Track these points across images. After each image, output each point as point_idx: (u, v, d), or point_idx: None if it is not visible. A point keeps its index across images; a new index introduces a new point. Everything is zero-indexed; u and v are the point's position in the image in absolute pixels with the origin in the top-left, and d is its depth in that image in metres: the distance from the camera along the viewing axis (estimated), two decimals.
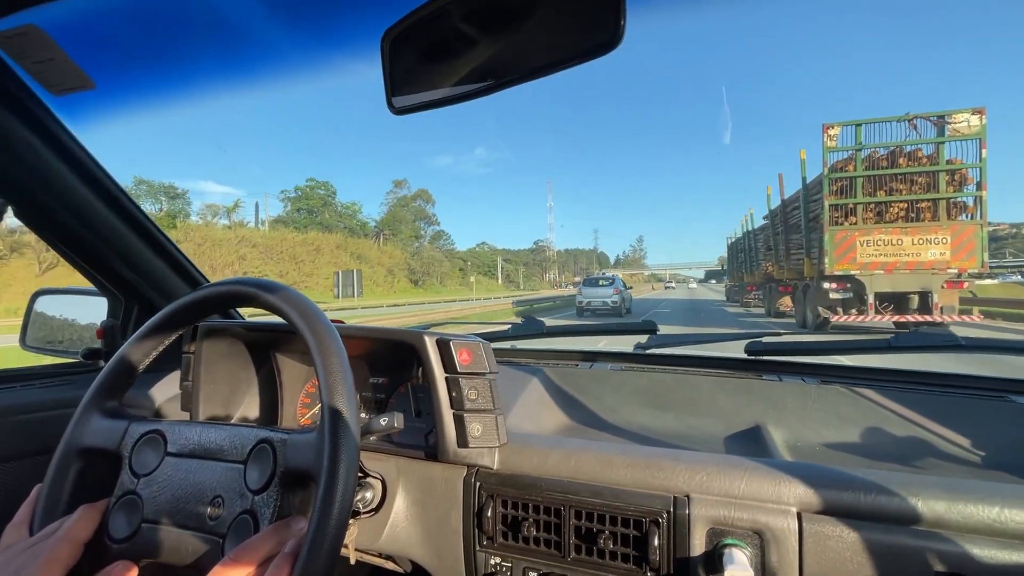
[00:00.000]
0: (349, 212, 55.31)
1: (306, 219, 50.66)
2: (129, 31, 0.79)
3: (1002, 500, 0.58)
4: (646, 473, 0.72)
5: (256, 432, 0.61)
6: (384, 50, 0.54)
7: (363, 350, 0.95)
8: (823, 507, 0.64)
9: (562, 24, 0.46)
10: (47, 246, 1.06)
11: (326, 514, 0.50)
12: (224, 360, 0.93)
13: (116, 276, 1.14)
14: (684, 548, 0.67)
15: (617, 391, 1.14)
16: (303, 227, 47.66)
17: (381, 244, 54.08)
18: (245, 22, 0.73)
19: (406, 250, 53.73)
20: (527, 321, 1.41)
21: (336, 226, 50.83)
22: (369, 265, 44.17)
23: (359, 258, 44.38)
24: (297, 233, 43.94)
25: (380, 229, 57.59)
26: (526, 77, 0.48)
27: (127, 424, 0.65)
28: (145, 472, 0.62)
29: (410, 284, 48.76)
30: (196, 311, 0.71)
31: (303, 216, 50.99)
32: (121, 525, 0.59)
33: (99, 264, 1.12)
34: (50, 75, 0.81)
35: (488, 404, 0.80)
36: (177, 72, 0.86)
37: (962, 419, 0.91)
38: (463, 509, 0.79)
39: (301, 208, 51.67)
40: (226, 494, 0.58)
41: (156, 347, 0.71)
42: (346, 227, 52.13)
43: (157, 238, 1.11)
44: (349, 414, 0.55)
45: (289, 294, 0.64)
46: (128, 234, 1.06)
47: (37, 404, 1.07)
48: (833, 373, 1.10)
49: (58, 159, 0.90)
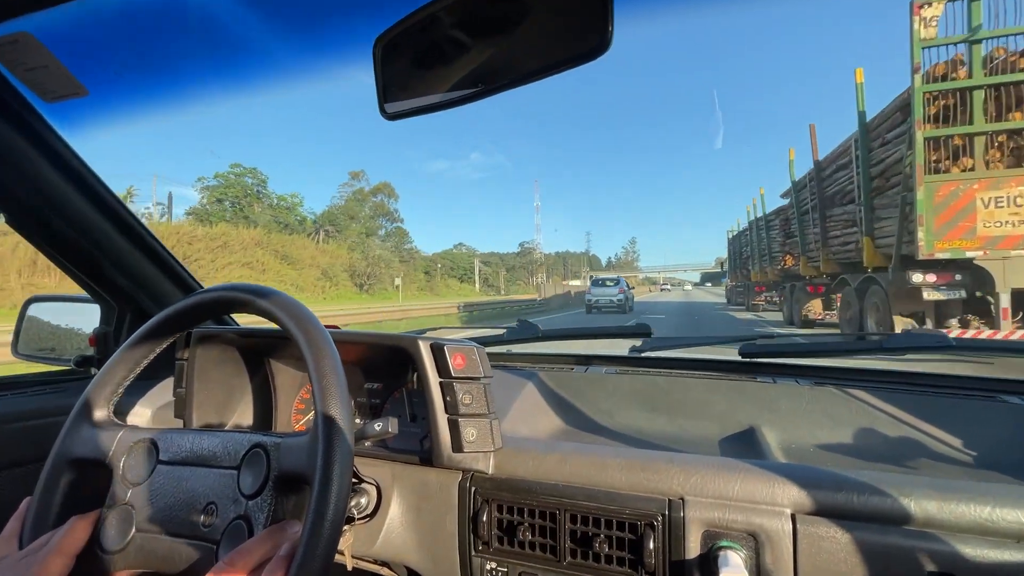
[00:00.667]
0: (286, 205, 45.25)
1: (229, 212, 41.37)
2: (120, 38, 0.79)
3: (993, 499, 0.59)
4: (641, 476, 0.72)
5: (249, 437, 0.61)
6: (376, 56, 0.55)
7: (358, 355, 0.95)
8: (817, 508, 0.64)
9: (551, 30, 0.47)
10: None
11: (320, 516, 0.49)
12: (217, 366, 0.93)
13: (109, 283, 1.14)
14: (679, 551, 0.67)
15: (612, 395, 1.14)
16: (221, 221, 37.89)
17: (320, 242, 43.78)
18: (236, 29, 0.73)
19: (354, 250, 43.95)
20: (522, 325, 1.41)
21: (268, 220, 40.61)
22: (297, 267, 35.69)
23: (284, 258, 35.37)
24: (201, 227, 34.31)
25: (320, 225, 47.09)
26: (516, 82, 0.49)
27: (118, 433, 0.65)
28: (137, 481, 0.62)
29: (354, 288, 39.69)
30: (188, 318, 0.70)
31: (224, 208, 41.48)
32: (113, 535, 0.59)
33: (92, 271, 1.11)
34: (43, 82, 0.81)
35: (483, 408, 0.80)
36: (168, 78, 0.86)
37: (954, 419, 0.91)
38: (458, 514, 0.79)
39: (223, 198, 41.59)
40: (219, 500, 0.57)
41: (148, 355, 0.71)
42: (280, 222, 42.79)
43: (150, 244, 1.11)
44: (343, 416, 0.55)
45: (282, 299, 0.64)
46: (121, 240, 1.06)
47: (29, 412, 1.07)
48: (826, 374, 1.10)
49: (50, 166, 0.90)
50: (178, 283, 1.20)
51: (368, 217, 52.47)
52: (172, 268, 1.18)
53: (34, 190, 0.92)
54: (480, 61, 0.50)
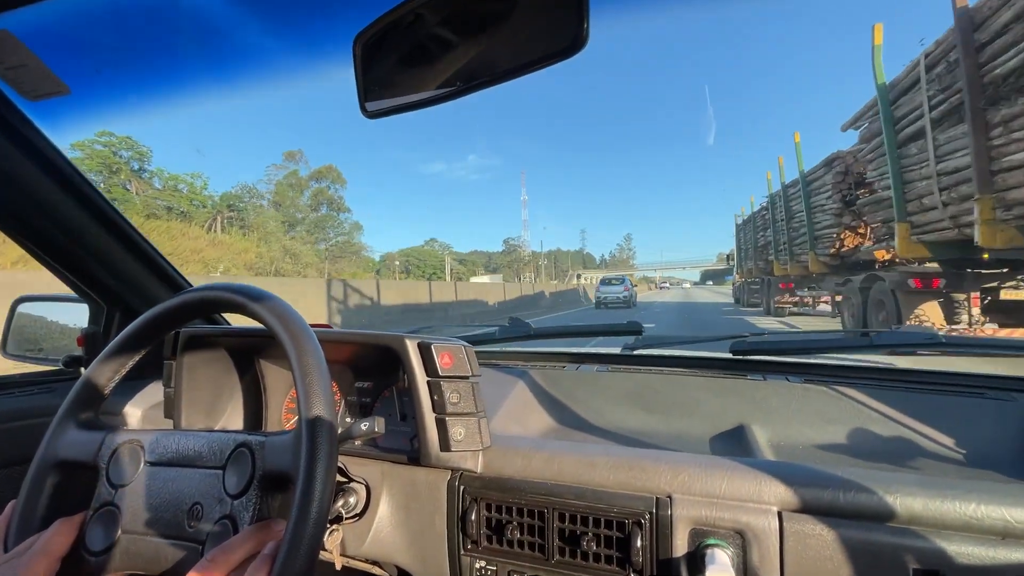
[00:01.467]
0: (179, 186, 33.80)
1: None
2: (102, 36, 0.78)
3: (978, 496, 0.59)
4: (628, 474, 0.72)
5: (235, 436, 0.61)
6: (356, 55, 0.55)
7: (348, 355, 0.94)
8: (803, 506, 0.64)
9: (528, 29, 0.47)
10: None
11: (304, 513, 0.50)
12: (206, 366, 0.93)
13: (97, 282, 1.13)
14: (666, 549, 0.67)
15: (603, 393, 1.14)
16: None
17: (218, 230, 34.49)
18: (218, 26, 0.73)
19: (267, 242, 35.21)
20: (513, 323, 1.41)
21: (151, 203, 31.34)
22: (173, 258, 25.94)
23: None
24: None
25: (219, 210, 36.24)
26: (495, 80, 0.49)
27: (104, 435, 0.65)
28: (123, 483, 0.61)
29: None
30: (175, 318, 0.70)
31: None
32: (98, 537, 0.59)
33: (79, 270, 1.11)
34: (24, 81, 0.80)
35: (471, 407, 0.80)
36: (150, 75, 0.85)
37: (945, 417, 0.91)
38: (447, 513, 0.79)
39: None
40: (205, 500, 0.58)
41: (134, 356, 0.70)
42: (168, 206, 33.17)
43: (137, 242, 1.10)
44: (326, 414, 0.55)
45: (268, 299, 0.63)
46: (107, 239, 1.05)
47: (16, 412, 1.06)
48: (817, 372, 1.11)
49: (34, 164, 0.89)
50: (166, 281, 1.19)
51: (305, 207, 42.80)
52: (160, 266, 1.17)
53: (19, 189, 0.91)
54: (458, 59, 0.50)
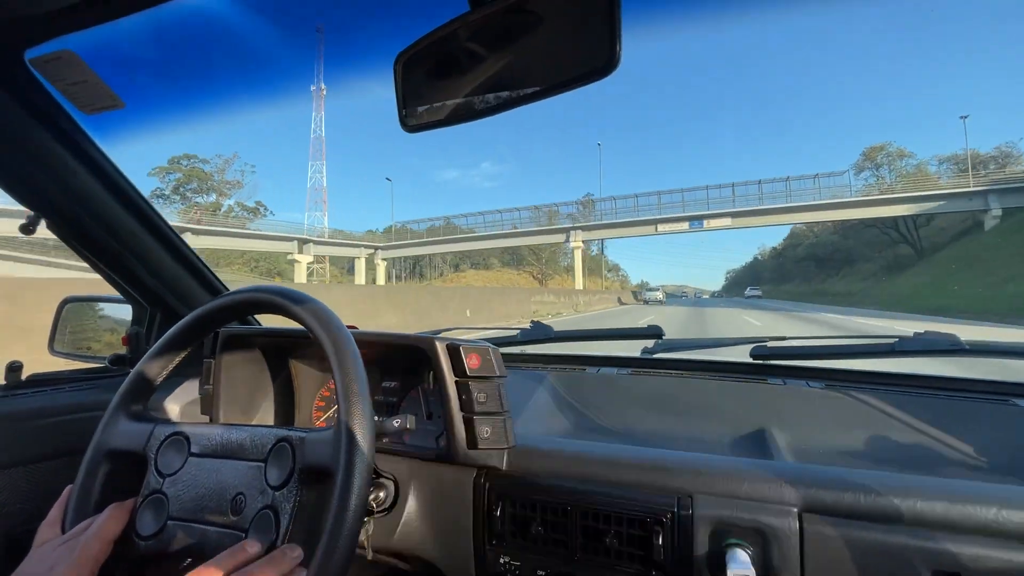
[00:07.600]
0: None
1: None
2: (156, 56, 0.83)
3: (999, 501, 0.59)
4: (651, 474, 0.74)
5: (275, 432, 0.64)
6: (397, 72, 0.58)
7: (376, 355, 0.98)
8: (824, 507, 0.65)
9: (561, 51, 0.50)
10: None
11: (344, 503, 0.53)
12: (242, 365, 0.97)
13: (141, 284, 1.19)
14: (688, 547, 0.68)
15: (623, 396, 1.16)
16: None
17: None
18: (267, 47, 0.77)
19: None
20: (535, 326, 1.43)
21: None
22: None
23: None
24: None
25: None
26: (527, 99, 0.52)
27: (152, 427, 0.68)
28: (170, 472, 0.65)
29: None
30: (219, 317, 0.74)
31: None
32: (148, 523, 0.62)
33: (125, 273, 1.17)
34: (82, 96, 0.85)
35: (497, 407, 0.82)
36: (198, 91, 0.90)
37: (966, 423, 0.91)
38: (473, 509, 0.81)
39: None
40: (247, 491, 0.61)
41: (179, 354, 0.74)
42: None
43: (179, 247, 1.16)
44: (364, 413, 0.58)
45: (308, 302, 0.67)
46: (152, 244, 1.11)
47: (66, 407, 1.12)
48: (837, 377, 1.10)
49: (88, 174, 0.95)
50: (204, 284, 1.25)
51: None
52: (198, 269, 1.22)
53: (73, 197, 0.97)
54: (493, 79, 0.54)
